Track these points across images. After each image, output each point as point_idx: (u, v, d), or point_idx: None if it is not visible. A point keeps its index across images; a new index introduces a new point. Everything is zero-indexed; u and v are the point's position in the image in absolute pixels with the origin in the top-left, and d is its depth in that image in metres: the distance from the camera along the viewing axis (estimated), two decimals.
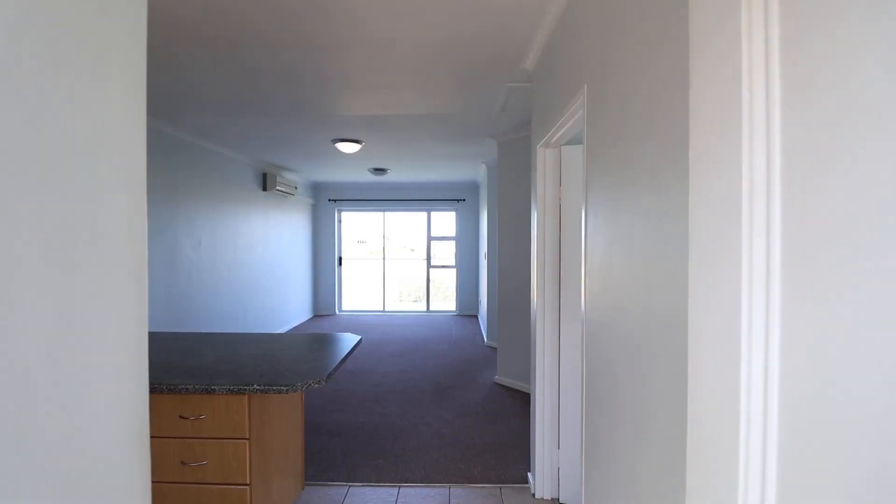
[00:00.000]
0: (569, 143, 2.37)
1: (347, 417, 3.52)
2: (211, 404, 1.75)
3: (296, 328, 7.15)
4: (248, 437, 1.75)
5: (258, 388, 1.69)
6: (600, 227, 1.49)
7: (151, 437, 1.81)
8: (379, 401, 3.86)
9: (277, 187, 6.14)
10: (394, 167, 6.29)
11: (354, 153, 5.13)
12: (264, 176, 6.07)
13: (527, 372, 4.05)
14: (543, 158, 2.44)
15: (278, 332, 6.60)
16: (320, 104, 3.37)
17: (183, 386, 1.71)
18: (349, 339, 2.43)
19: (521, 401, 3.89)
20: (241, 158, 5.42)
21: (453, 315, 8.35)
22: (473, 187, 8.24)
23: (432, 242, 8.55)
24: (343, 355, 2.13)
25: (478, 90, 3.13)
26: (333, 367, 1.93)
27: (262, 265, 6.08)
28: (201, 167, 4.64)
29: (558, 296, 2.41)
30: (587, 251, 1.61)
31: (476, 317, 8.11)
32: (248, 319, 5.67)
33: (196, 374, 1.83)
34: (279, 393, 1.68)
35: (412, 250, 9.03)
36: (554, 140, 2.30)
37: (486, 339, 6.06)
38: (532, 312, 2.56)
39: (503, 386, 4.29)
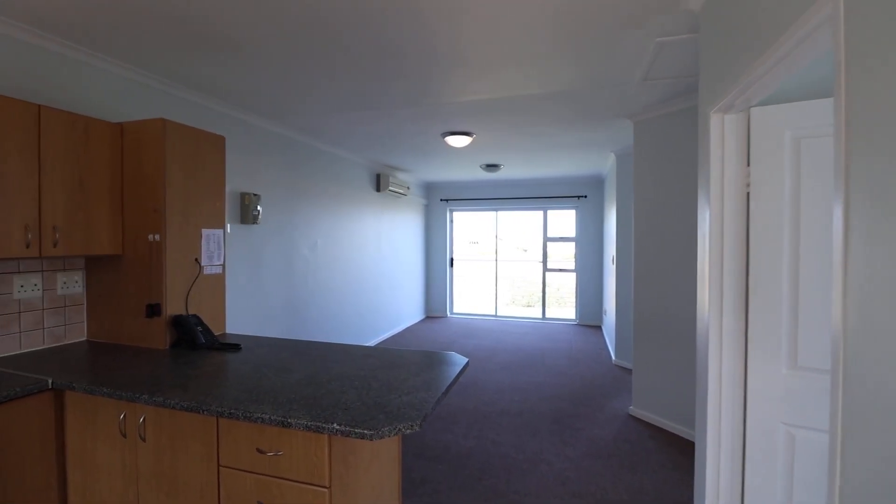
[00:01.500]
0: (764, 102, 1.63)
1: (455, 440, 3.13)
2: (289, 440, 1.46)
3: (408, 329, 7.08)
4: (327, 485, 1.42)
5: (338, 428, 1.35)
6: None
7: (229, 467, 1.61)
8: (491, 423, 3.41)
9: (390, 188, 6.09)
10: (507, 162, 5.79)
11: (465, 147, 4.77)
12: (378, 176, 6.06)
13: (674, 406, 3.23)
14: (720, 128, 1.73)
15: (392, 333, 6.57)
16: (429, 89, 3.03)
17: (259, 416, 1.45)
18: (454, 364, 2.01)
19: (668, 444, 3.09)
20: (355, 159, 5.44)
21: (572, 324, 7.54)
22: (597, 182, 7.34)
23: (548, 243, 7.85)
24: (445, 385, 1.71)
25: (612, 55, 2.48)
26: (432, 405, 1.52)
27: (375, 266, 6.08)
28: (318, 169, 4.69)
29: (744, 321, 1.68)
30: (848, 262, 0.92)
31: (600, 328, 7.20)
32: (362, 320, 5.68)
33: (277, 399, 1.56)
34: (362, 438, 1.32)
35: (525, 251, 8.44)
36: (740, 100, 1.59)
37: (613, 357, 5.22)
38: (699, 339, 1.86)
39: (641, 421, 3.51)
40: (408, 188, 6.69)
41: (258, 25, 2.13)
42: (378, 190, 6.07)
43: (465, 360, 2.06)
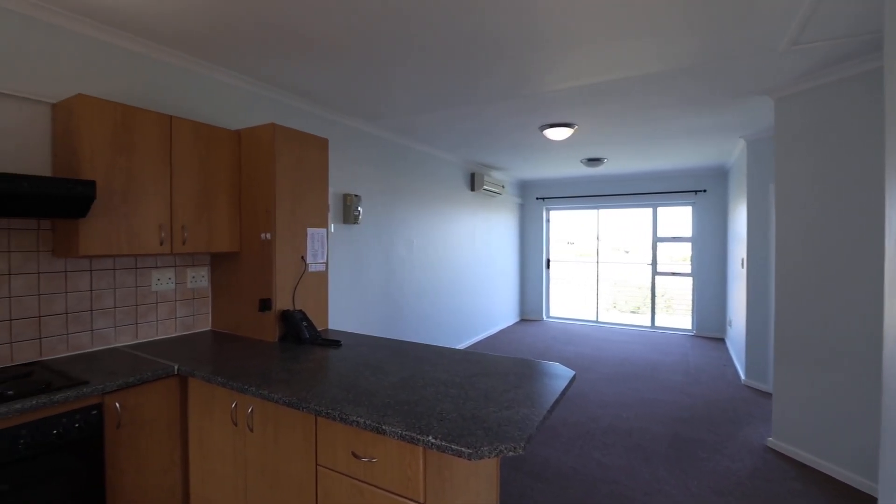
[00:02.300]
0: None
1: (557, 456, 2.89)
2: (383, 447, 1.39)
3: (502, 332, 6.90)
4: (422, 501, 1.32)
5: (433, 442, 1.23)
6: None
7: (326, 467, 1.59)
8: (595, 441, 3.09)
9: (485, 186, 5.97)
10: (611, 155, 5.33)
11: (565, 140, 4.46)
12: (472, 175, 5.98)
13: (831, 441, 2.64)
14: None
15: (485, 335, 6.45)
16: (526, 78, 2.84)
17: (354, 419, 1.39)
18: (558, 376, 1.79)
19: (821, 487, 2.51)
20: (450, 158, 5.42)
21: (687, 335, 6.73)
22: (719, 174, 6.46)
23: (658, 244, 7.10)
24: (550, 402, 1.51)
25: (749, 18, 2.05)
26: (536, 424, 1.34)
27: (469, 266, 6.01)
28: (414, 168, 4.74)
29: None
30: None
31: (722, 341, 6.32)
32: (455, 321, 5.64)
33: (373, 402, 1.50)
34: (459, 456, 1.19)
35: (626, 252, 7.74)
36: None
37: (743, 376, 4.50)
38: (888, 363, 1.42)
39: (783, 456, 2.92)
40: (502, 187, 6.51)
41: (354, 27, 2.13)
42: (472, 189, 5.99)
43: (572, 373, 1.83)
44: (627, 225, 7.61)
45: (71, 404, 1.62)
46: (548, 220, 8.01)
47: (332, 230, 3.62)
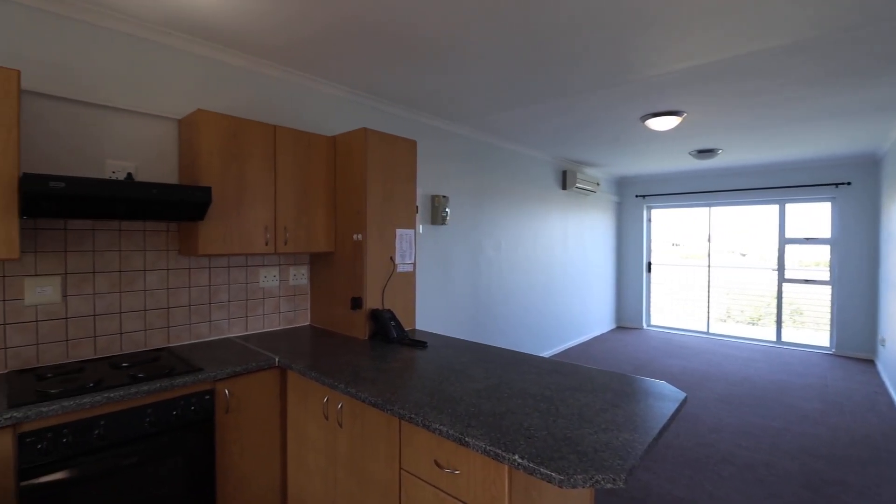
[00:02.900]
0: None
1: (659, 483, 2.59)
2: (466, 459, 1.32)
3: (596, 339, 6.48)
4: None
5: (520, 462, 1.13)
6: None
7: (409, 473, 1.56)
8: (707, 472, 2.72)
9: (577, 184, 5.65)
10: (727, 145, 4.70)
11: (671, 130, 4.02)
12: (563, 173, 5.69)
13: None
14: None
15: (577, 342, 6.11)
16: (625, 62, 2.58)
17: (437, 427, 1.34)
18: (665, 398, 1.57)
19: None
20: (540, 157, 5.21)
21: (825, 353, 5.72)
22: (868, 163, 5.39)
23: (787, 246, 6.14)
24: (656, 428, 1.32)
25: None
26: (639, 453, 1.16)
27: (560, 269, 5.73)
28: (501, 168, 4.63)
29: None
30: None
31: (872, 363, 5.26)
32: (545, 325, 5.41)
33: (456, 410, 1.44)
34: (548, 481, 1.07)
35: (743, 255, 6.81)
36: None
37: None
38: None
39: None
40: (597, 184, 6.11)
41: (446, 21, 2.10)
42: (564, 188, 5.70)
43: (682, 395, 1.59)
44: (745, 224, 6.70)
45: (188, 388, 1.80)
46: (649, 220, 7.36)
47: (421, 231, 3.66)
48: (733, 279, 6.83)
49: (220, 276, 2.46)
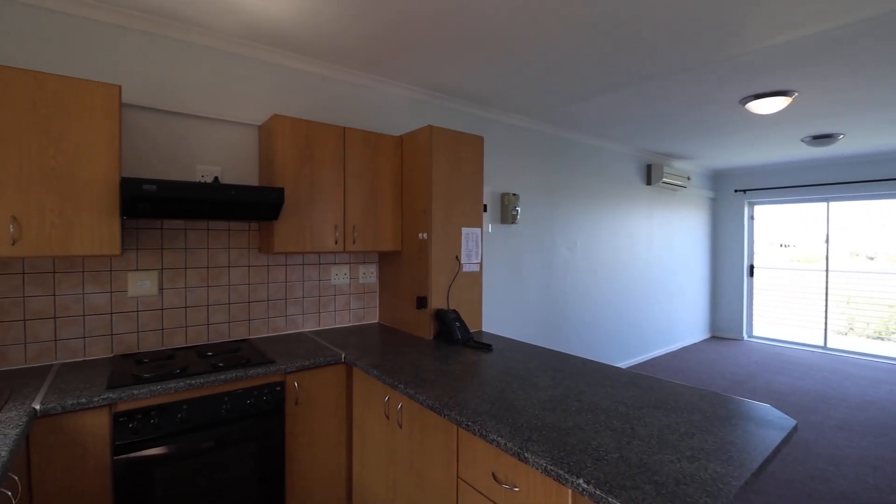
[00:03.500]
0: None
1: None
2: (526, 477, 1.21)
3: (685, 350, 5.91)
4: None
5: (585, 487, 1.00)
6: None
7: (466, 483, 1.48)
8: None
9: (664, 179, 5.17)
10: (850, 128, 4.00)
11: (778, 114, 3.51)
12: (648, 168, 5.25)
13: None
14: None
15: (662, 351, 5.61)
16: (721, 35, 2.27)
17: (494, 438, 1.25)
18: (768, 424, 1.32)
19: None
20: (620, 150, 4.85)
21: None
22: None
23: None
24: (757, 461, 1.10)
25: None
26: (734, 489, 0.97)
27: (644, 270, 5.29)
28: (578, 163, 4.37)
29: None
30: None
31: None
32: (626, 332, 5.03)
33: (517, 421, 1.33)
34: None
35: (871, 259, 5.77)
36: None
37: None
38: None
39: None
40: (687, 179, 5.56)
41: (511, 13, 1.99)
42: (649, 183, 5.26)
43: (791, 422, 1.33)
44: (874, 222, 5.68)
45: (261, 379, 1.88)
46: (751, 217, 6.55)
47: (490, 230, 3.57)
48: (857, 286, 5.83)
49: (295, 273, 2.57)
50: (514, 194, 3.64)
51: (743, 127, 3.96)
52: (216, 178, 2.16)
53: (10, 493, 1.11)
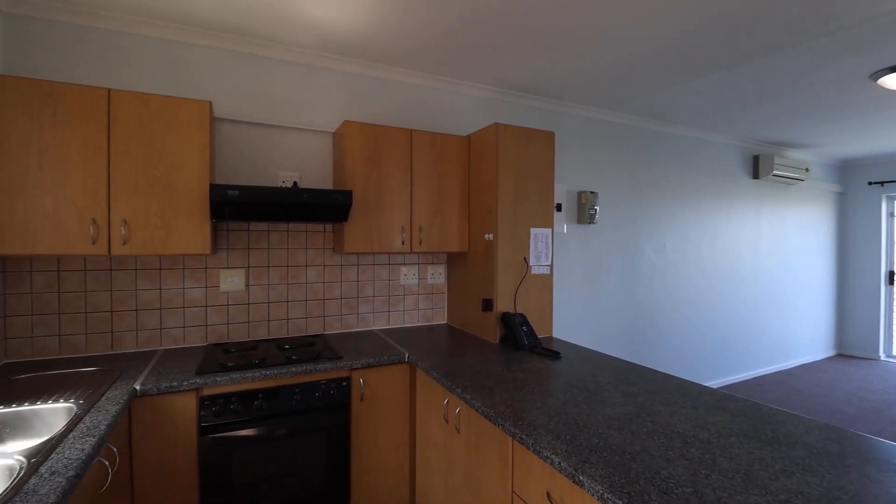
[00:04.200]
0: None
1: None
2: (582, 501, 1.10)
3: (801, 368, 5.12)
4: None
5: None
6: None
7: (522, 499, 1.39)
8: None
9: (775, 172, 4.53)
10: None
11: None
12: (755, 159, 4.63)
13: None
14: None
15: (769, 370, 4.92)
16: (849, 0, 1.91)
17: (547, 454, 1.16)
18: None
19: None
20: (718, 140, 4.34)
21: None
22: None
23: None
24: None
25: None
26: None
27: (749, 276, 4.68)
28: (666, 157, 3.99)
29: None
30: None
31: None
32: (725, 345, 4.49)
33: (576, 439, 1.23)
34: None
35: None
36: None
37: None
38: None
39: None
40: (805, 170, 4.81)
41: None
42: (755, 177, 4.64)
43: None
44: None
45: (329, 374, 1.96)
46: (891, 214, 5.50)
47: (565, 230, 3.39)
48: None
49: (366, 273, 2.66)
50: (591, 192, 3.43)
51: (876, 106, 3.32)
52: (295, 183, 2.30)
53: (107, 463, 1.27)
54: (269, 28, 2.16)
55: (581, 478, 1.05)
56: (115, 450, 1.36)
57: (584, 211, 3.42)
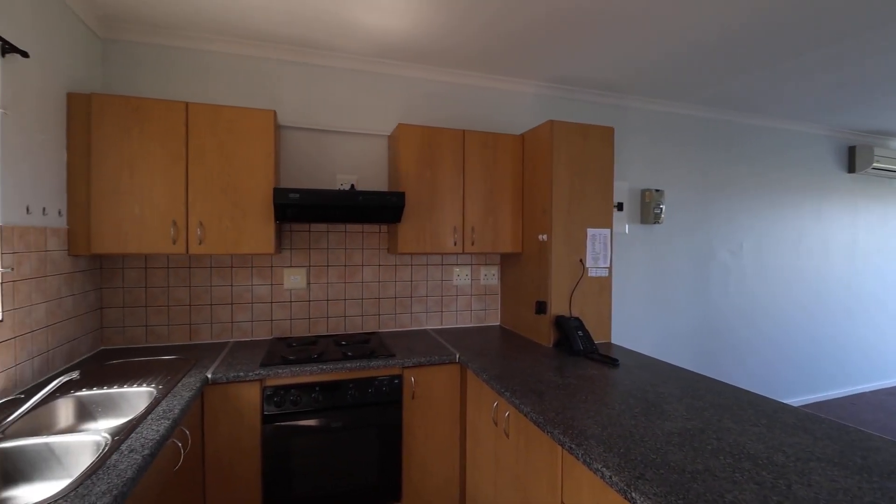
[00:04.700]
0: None
1: None
2: None
3: None
4: None
5: None
6: None
7: None
8: None
9: (875, 165, 4.00)
10: None
11: None
12: (850, 151, 4.12)
13: None
14: None
15: (865, 387, 4.36)
16: None
17: (597, 467, 1.11)
18: None
19: None
20: (808, 131, 3.91)
21: None
22: None
23: None
24: None
25: None
26: None
27: (841, 282, 4.18)
28: (743, 151, 3.66)
29: None
30: None
31: None
32: (813, 358, 4.04)
33: (630, 453, 1.16)
34: None
35: None
36: None
37: None
38: None
39: None
40: None
41: None
42: (851, 170, 4.13)
43: None
44: None
45: (381, 370, 2.01)
46: None
47: (626, 231, 3.22)
48: None
49: (419, 273, 2.70)
50: (656, 190, 3.23)
51: None
52: (352, 186, 2.39)
53: (179, 444, 1.40)
54: (325, 37, 2.25)
55: (633, 494, 0.99)
56: (187, 432, 1.49)
57: (649, 210, 3.23)
